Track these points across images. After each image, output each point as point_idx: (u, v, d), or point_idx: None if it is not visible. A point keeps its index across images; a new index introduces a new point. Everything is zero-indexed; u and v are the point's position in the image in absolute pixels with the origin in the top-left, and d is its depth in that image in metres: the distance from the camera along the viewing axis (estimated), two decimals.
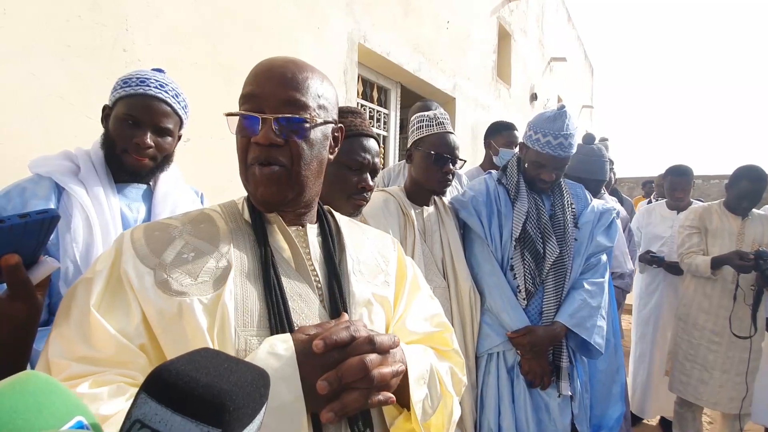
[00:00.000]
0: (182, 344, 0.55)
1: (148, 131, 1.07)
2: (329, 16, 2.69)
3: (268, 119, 0.61)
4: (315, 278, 0.67)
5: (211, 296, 0.58)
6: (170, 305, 0.56)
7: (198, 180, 1.51)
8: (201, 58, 1.96)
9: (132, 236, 0.63)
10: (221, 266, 0.61)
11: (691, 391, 2.32)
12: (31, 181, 1.01)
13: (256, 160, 0.63)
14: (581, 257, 1.54)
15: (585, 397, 1.57)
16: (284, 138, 0.62)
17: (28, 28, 1.41)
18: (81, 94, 1.54)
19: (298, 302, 0.63)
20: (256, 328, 0.59)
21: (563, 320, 1.45)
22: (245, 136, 0.64)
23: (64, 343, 0.55)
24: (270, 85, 0.63)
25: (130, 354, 0.55)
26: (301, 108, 0.63)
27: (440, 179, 1.41)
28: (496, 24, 5.17)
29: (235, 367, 0.35)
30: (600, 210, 1.63)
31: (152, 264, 0.59)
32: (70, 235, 0.96)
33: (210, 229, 0.65)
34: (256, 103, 0.63)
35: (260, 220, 0.67)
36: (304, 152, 0.64)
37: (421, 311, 0.77)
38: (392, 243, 0.83)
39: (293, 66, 0.65)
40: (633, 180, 8.35)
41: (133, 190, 1.12)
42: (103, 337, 0.54)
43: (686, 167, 2.84)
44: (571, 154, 1.49)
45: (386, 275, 0.76)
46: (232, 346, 0.56)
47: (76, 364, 0.53)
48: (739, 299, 2.16)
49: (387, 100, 3.78)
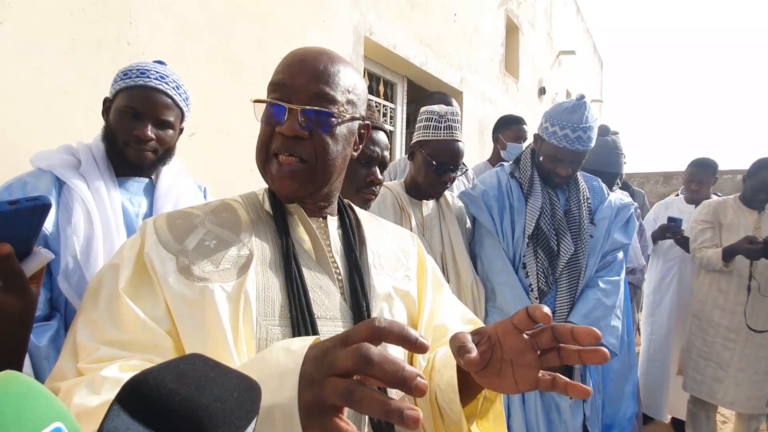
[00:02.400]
0: (200, 331, 0.55)
1: (149, 123, 1.05)
2: (335, 9, 2.66)
3: (295, 110, 0.61)
4: (336, 270, 0.67)
5: (233, 284, 0.58)
6: (193, 291, 0.56)
7: (204, 174, 1.49)
8: (206, 52, 1.93)
9: (155, 224, 0.63)
10: (243, 255, 0.61)
11: (705, 389, 2.28)
12: (32, 175, 1.00)
13: (278, 150, 0.62)
14: (597, 255, 1.50)
15: (597, 398, 1.54)
16: (309, 131, 0.61)
17: (33, 22, 1.40)
18: (86, 89, 1.53)
19: (318, 294, 0.63)
20: (278, 318, 0.59)
21: (577, 320, 1.41)
22: (270, 124, 0.63)
23: (92, 326, 0.55)
24: (301, 76, 0.62)
25: (159, 338, 0.54)
26: (330, 102, 0.62)
27: (439, 186, 1.40)
28: (504, 17, 5.10)
29: (222, 378, 0.32)
30: (618, 205, 1.57)
31: (174, 250, 0.59)
32: (71, 229, 0.95)
33: (232, 219, 0.65)
34: (284, 92, 0.62)
35: (281, 211, 0.67)
36: (328, 147, 0.63)
37: (453, 309, 0.76)
38: (411, 238, 0.82)
39: (326, 58, 0.64)
40: (643, 175, 8.24)
41: (134, 183, 1.11)
42: (133, 321, 0.54)
43: (709, 160, 2.79)
44: (590, 148, 1.43)
45: (407, 269, 0.75)
46: (253, 335, 0.56)
47: (105, 348, 0.53)
48: (754, 291, 2.10)
49: (393, 95, 3.74)
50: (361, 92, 0.69)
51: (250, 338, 0.56)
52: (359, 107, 0.68)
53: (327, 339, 0.44)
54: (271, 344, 0.54)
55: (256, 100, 0.63)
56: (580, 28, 8.56)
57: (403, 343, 0.39)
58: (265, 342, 0.57)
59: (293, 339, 0.48)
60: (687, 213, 2.79)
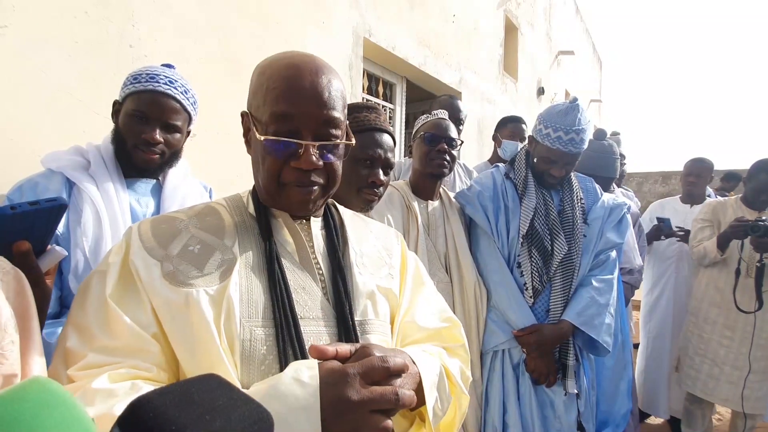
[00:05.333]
0: (189, 335, 0.56)
1: (157, 127, 1.08)
2: (334, 9, 2.68)
3: (309, 145, 0.61)
4: (318, 271, 0.68)
5: (217, 288, 0.59)
6: (177, 296, 0.57)
7: (205, 175, 1.51)
8: (208, 53, 1.95)
9: (140, 229, 0.64)
10: (227, 259, 0.62)
11: (700, 386, 2.30)
12: (42, 176, 1.03)
13: (296, 182, 0.64)
14: (590, 254, 1.52)
15: (591, 394, 1.56)
16: (324, 160, 0.63)
17: (36, 23, 1.42)
18: (89, 90, 1.55)
19: (301, 294, 0.64)
20: (261, 319, 0.60)
21: (570, 318, 1.44)
22: (281, 158, 0.63)
23: (81, 333, 0.56)
24: (306, 105, 0.61)
25: (145, 342, 0.56)
26: (337, 126, 0.64)
27: (437, 160, 1.40)
28: (502, 17, 5.11)
29: (230, 407, 0.32)
30: (610, 205, 1.60)
31: (159, 256, 0.60)
32: (81, 229, 0.98)
33: (216, 222, 0.66)
34: (293, 125, 0.62)
35: (265, 214, 0.68)
36: (338, 168, 0.66)
37: (428, 306, 0.77)
38: (396, 237, 0.84)
39: (324, 79, 0.63)
40: (642, 175, 8.25)
41: (142, 184, 1.13)
42: (120, 327, 0.56)
43: (707, 159, 2.86)
44: (583, 149, 1.46)
45: (390, 268, 0.76)
46: (237, 336, 0.57)
47: (93, 354, 0.54)
48: (743, 273, 2.11)
49: (392, 95, 3.75)
50: (346, 95, 0.70)
51: (234, 339, 0.57)
52: (345, 110, 0.69)
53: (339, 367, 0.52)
54: (254, 343, 0.58)
55: (267, 138, 0.61)
56: (579, 28, 8.57)
57: None
58: (249, 343, 0.58)
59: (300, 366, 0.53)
60: (682, 213, 2.82)
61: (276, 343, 0.59)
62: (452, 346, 0.75)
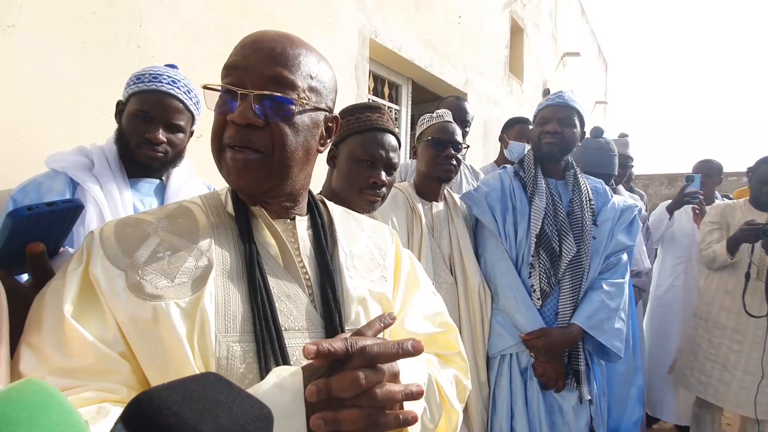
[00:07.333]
0: (159, 354, 0.50)
1: (160, 127, 1.08)
2: (340, 11, 2.68)
3: (248, 96, 0.55)
4: (305, 276, 0.61)
5: (189, 299, 0.52)
6: (144, 311, 0.51)
7: (210, 176, 1.50)
8: (215, 53, 1.95)
9: (102, 234, 0.56)
10: (201, 265, 0.55)
11: (711, 391, 2.26)
12: (46, 177, 1.03)
13: (230, 141, 0.56)
14: (600, 256, 1.50)
15: (603, 401, 1.53)
16: (264, 119, 0.55)
17: (44, 25, 1.42)
18: (96, 91, 1.55)
19: (286, 303, 0.58)
20: (239, 333, 0.53)
21: (580, 322, 1.41)
22: (222, 113, 0.57)
23: (36, 353, 0.50)
24: (255, 57, 0.56)
25: (111, 362, 0.50)
26: (289, 87, 0.56)
27: (443, 165, 1.40)
28: (508, 18, 5.10)
29: (233, 403, 0.32)
30: (621, 207, 1.58)
31: (123, 265, 0.53)
32: (84, 229, 0.98)
33: (188, 225, 0.59)
34: (237, 76, 0.56)
35: (245, 212, 0.61)
36: (287, 138, 0.57)
37: (421, 309, 0.70)
38: (390, 234, 0.76)
39: (285, 40, 0.58)
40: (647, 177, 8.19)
41: (145, 184, 1.13)
42: (81, 345, 0.49)
43: (715, 160, 2.86)
44: (571, 105, 1.53)
45: (383, 269, 0.69)
46: (212, 353, 0.51)
47: (50, 377, 0.48)
48: (753, 276, 2.08)
49: (398, 97, 3.75)
50: (328, 81, 0.62)
51: (209, 357, 0.51)
52: (325, 97, 0.62)
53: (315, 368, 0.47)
54: (231, 361, 0.52)
55: (206, 86, 0.57)
56: (585, 29, 8.53)
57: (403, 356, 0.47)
58: (226, 360, 0.52)
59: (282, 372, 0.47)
60: (686, 214, 2.78)
61: (257, 360, 0.53)
62: (447, 353, 0.70)
